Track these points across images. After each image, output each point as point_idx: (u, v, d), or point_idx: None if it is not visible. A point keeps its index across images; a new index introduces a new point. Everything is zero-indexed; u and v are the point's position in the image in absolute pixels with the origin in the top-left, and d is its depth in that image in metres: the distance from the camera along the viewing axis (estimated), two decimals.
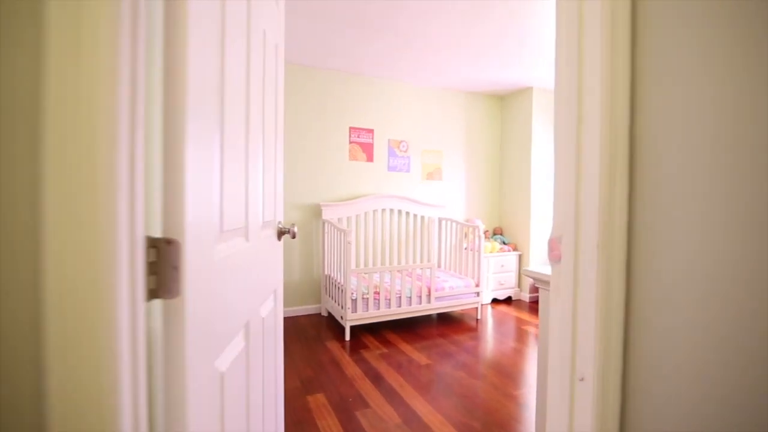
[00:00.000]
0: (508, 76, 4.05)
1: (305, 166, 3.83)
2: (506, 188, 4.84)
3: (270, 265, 1.20)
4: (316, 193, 3.89)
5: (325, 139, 3.91)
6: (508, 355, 2.97)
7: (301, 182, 3.82)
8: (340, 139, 3.98)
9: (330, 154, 3.94)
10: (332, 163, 3.95)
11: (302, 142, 3.81)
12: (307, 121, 3.82)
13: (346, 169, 4.02)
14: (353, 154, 4.04)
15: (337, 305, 3.37)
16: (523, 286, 4.59)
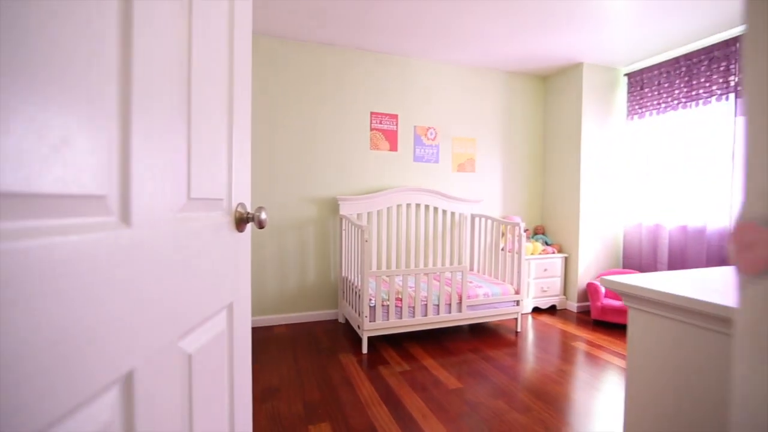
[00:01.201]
0: (554, 46, 3.49)
1: (320, 155, 3.44)
2: (550, 182, 4.25)
3: (217, 267, 0.79)
4: (333, 186, 3.49)
5: (342, 125, 3.51)
6: (557, 380, 2.43)
7: (316, 173, 3.43)
8: (360, 126, 3.56)
9: (348, 143, 3.53)
10: (351, 153, 3.54)
11: (316, 129, 3.42)
12: (322, 105, 3.43)
13: (366, 160, 3.59)
14: (375, 143, 3.61)
15: (354, 312, 2.95)
16: (569, 293, 3.99)
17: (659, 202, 3.67)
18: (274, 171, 3.30)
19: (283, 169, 3.33)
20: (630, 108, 3.92)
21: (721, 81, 3.16)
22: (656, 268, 3.71)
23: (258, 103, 3.24)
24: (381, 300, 2.77)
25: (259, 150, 3.26)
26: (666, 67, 3.55)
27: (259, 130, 3.25)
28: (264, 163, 3.27)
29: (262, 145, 3.26)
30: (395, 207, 3.59)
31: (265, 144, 3.27)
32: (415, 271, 2.87)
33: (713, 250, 3.25)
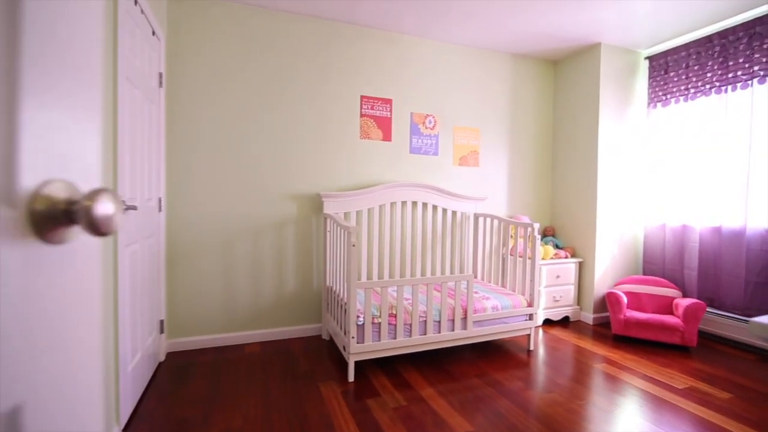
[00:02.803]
0: (567, 23, 3.04)
1: (302, 145, 2.96)
2: (561, 178, 3.81)
3: None
4: (317, 181, 3.01)
5: (328, 110, 3.03)
6: (583, 415, 1.98)
7: (297, 166, 2.95)
8: (349, 112, 3.09)
9: (335, 131, 3.05)
10: (338, 142, 3.06)
11: (298, 114, 2.94)
12: (304, 85, 2.95)
13: (355, 150, 3.12)
14: (365, 131, 3.14)
15: (339, 329, 2.48)
16: (584, 303, 3.55)
17: (687, 201, 3.24)
18: (246, 162, 2.81)
19: (258, 160, 2.84)
20: (652, 95, 3.50)
21: (765, 60, 2.74)
22: (683, 275, 3.28)
23: (228, 85, 2.75)
24: (371, 316, 2.30)
25: (229, 139, 2.77)
26: (696, 47, 3.12)
27: (229, 116, 2.76)
28: (234, 153, 2.79)
29: (230, 133, 2.77)
30: (389, 205, 3.12)
31: (233, 131, 2.78)
32: (412, 281, 2.40)
33: (754, 254, 2.82)
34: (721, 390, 2.28)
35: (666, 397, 2.19)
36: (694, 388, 2.29)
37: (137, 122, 1.97)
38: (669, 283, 3.21)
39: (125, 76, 1.76)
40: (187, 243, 2.67)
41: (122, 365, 1.71)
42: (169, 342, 2.64)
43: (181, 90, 2.64)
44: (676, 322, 2.86)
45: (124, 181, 1.74)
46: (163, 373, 2.36)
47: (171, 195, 2.63)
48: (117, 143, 1.66)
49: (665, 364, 2.63)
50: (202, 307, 2.73)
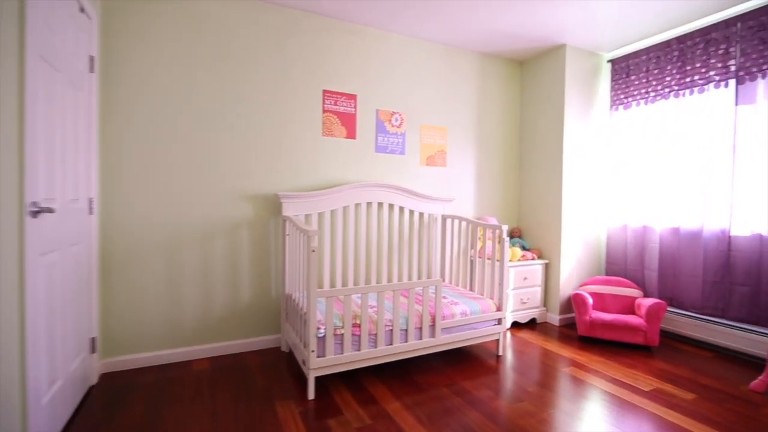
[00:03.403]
0: (533, 23, 3.01)
1: (259, 140, 2.73)
2: (527, 179, 3.79)
3: None
4: (275, 180, 2.79)
5: (288, 104, 2.82)
6: (558, 427, 1.90)
7: (252, 163, 2.72)
8: (310, 107, 2.89)
9: (295, 126, 2.85)
10: (298, 139, 2.86)
11: (253, 108, 2.71)
12: (261, 77, 2.73)
13: (317, 148, 2.93)
14: (328, 128, 2.96)
15: (299, 342, 2.28)
16: (550, 305, 3.54)
17: (647, 202, 3.30)
18: (196, 159, 2.55)
19: (210, 157, 2.59)
20: (614, 97, 3.54)
21: (719, 66, 2.81)
22: (644, 275, 3.34)
23: (175, 74, 2.48)
24: (333, 327, 2.12)
25: (176, 133, 2.50)
26: (656, 51, 3.18)
27: (176, 108, 2.49)
28: (182, 148, 2.52)
29: (178, 127, 2.50)
30: (353, 207, 2.94)
31: (181, 125, 2.51)
32: (378, 288, 2.25)
33: (710, 254, 2.89)
34: (685, 391, 2.28)
35: (634, 400, 2.16)
36: (659, 390, 2.28)
37: (57, 110, 1.69)
38: (631, 284, 3.25)
39: (38, 54, 1.49)
40: (125, 249, 2.38)
41: (32, 398, 1.44)
42: (103, 362, 2.34)
43: (120, 77, 2.34)
44: (639, 323, 2.88)
45: (35, 178, 1.46)
46: (94, 399, 2.06)
47: (105, 195, 2.33)
48: (24, 132, 1.39)
49: (630, 365, 2.63)
50: (143, 320, 2.44)
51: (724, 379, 2.43)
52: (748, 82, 2.68)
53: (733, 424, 1.94)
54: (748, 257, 2.70)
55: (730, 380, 2.41)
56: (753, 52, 2.62)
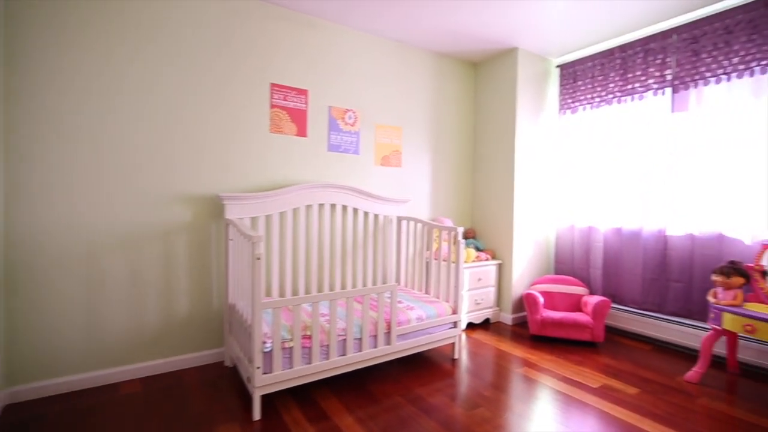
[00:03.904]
0: (487, 24, 3.01)
1: (198, 137, 2.49)
2: (481, 180, 3.82)
3: None
4: (216, 180, 2.56)
5: (230, 97, 2.59)
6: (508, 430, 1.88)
7: (190, 162, 2.47)
8: (256, 101, 2.69)
9: (240, 122, 2.63)
10: (243, 136, 2.64)
11: (192, 101, 2.46)
12: (201, 66, 2.48)
13: (265, 146, 2.73)
14: (277, 124, 2.77)
15: (243, 357, 2.09)
16: (503, 304, 3.58)
17: (592, 203, 3.43)
18: (122, 157, 2.27)
19: (139, 154, 2.31)
20: (562, 102, 3.65)
21: (657, 75, 2.97)
22: (589, 273, 3.47)
23: (95, 59, 2.18)
24: (281, 340, 1.95)
25: (98, 126, 2.20)
26: (600, 58, 3.31)
27: (98, 98, 2.19)
28: (105, 144, 2.22)
29: (100, 120, 2.20)
30: (303, 209, 2.78)
31: (105, 118, 2.22)
32: (330, 296, 2.11)
33: (649, 253, 3.05)
34: (629, 385, 2.37)
35: (584, 398, 2.20)
36: (607, 386, 2.35)
37: None
38: (578, 282, 3.37)
39: None
40: (33, 261, 2.05)
41: None
42: (6, 392, 2.00)
43: (27, 62, 2.01)
44: (586, 320, 2.98)
45: None
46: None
47: (10, 198, 1.99)
48: None
49: (579, 362, 2.70)
50: (58, 341, 2.12)
51: (663, 372, 2.55)
52: (682, 90, 2.84)
53: (672, 417, 2.02)
54: (682, 255, 2.87)
55: (668, 372, 2.54)
56: (687, 63, 2.79)
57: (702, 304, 2.75)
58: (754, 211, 2.52)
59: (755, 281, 2.29)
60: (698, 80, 2.74)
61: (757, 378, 2.46)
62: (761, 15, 2.44)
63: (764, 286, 2.25)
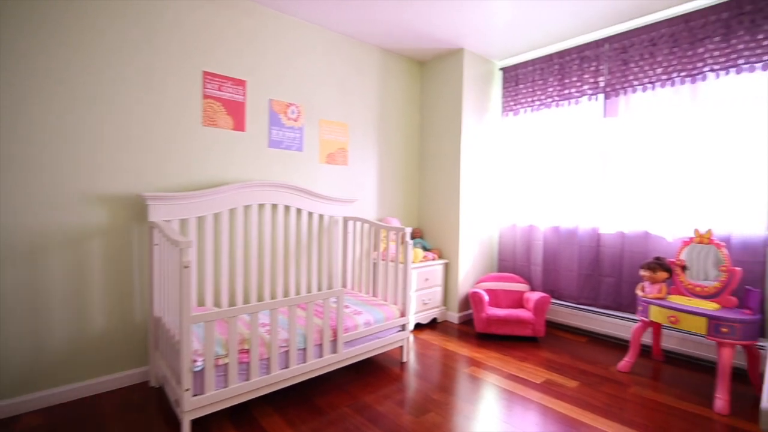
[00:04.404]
0: (434, 23, 2.98)
1: (116, 128, 2.18)
2: (427, 180, 3.81)
3: None
4: (138, 177, 2.27)
5: (156, 85, 2.31)
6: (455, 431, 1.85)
7: (108, 156, 2.16)
8: (186, 90, 2.42)
9: (167, 112, 2.36)
10: (170, 128, 2.37)
11: (110, 87, 2.16)
12: (120, 53, 2.18)
13: (196, 140, 2.47)
14: (210, 117, 2.52)
15: (171, 377, 1.86)
16: (450, 303, 3.61)
17: (533, 203, 3.55)
18: (21, 150, 1.92)
19: (44, 147, 1.97)
20: (505, 104, 3.74)
21: (591, 81, 3.12)
22: (530, 270, 3.60)
23: None
24: (214, 357, 1.76)
25: None
26: (540, 63, 3.43)
27: None
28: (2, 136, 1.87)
29: None
30: (241, 209, 2.56)
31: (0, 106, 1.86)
32: (270, 304, 1.95)
33: (584, 251, 3.22)
34: (569, 378, 2.46)
35: (529, 395, 2.25)
36: (549, 381, 2.42)
37: None
38: (520, 279, 3.47)
39: None
40: None
41: None
42: None
43: None
44: (528, 316, 3.07)
45: None
46: None
47: None
48: None
49: (522, 358, 2.77)
50: None
51: (599, 363, 2.69)
52: (613, 97, 3.02)
53: (608, 407, 2.12)
54: (613, 252, 3.05)
55: (603, 363, 2.69)
56: (617, 71, 2.96)
57: (631, 298, 2.94)
58: (675, 210, 2.73)
59: (677, 275, 2.48)
60: (627, 88, 2.92)
61: (679, 364, 2.68)
62: (681, 30, 2.64)
63: (684, 280, 2.44)
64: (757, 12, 2.37)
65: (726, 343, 2.10)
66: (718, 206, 2.54)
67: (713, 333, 2.13)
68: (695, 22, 2.59)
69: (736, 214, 2.48)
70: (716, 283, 2.30)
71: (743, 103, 2.45)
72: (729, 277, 2.25)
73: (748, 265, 2.40)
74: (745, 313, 2.14)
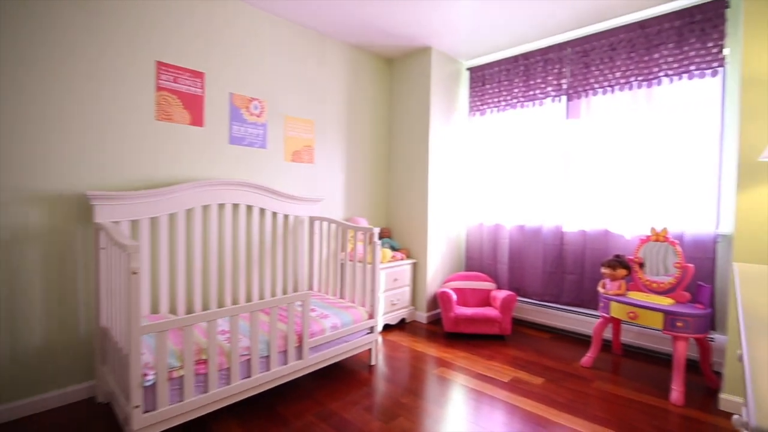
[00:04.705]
0: (401, 21, 2.95)
1: (60, 122, 1.99)
2: (396, 179, 3.77)
3: None
4: (83, 174, 2.08)
5: (103, 75, 2.13)
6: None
7: (47, 150, 1.96)
8: (138, 81, 2.25)
9: (115, 104, 2.17)
10: (120, 122, 2.19)
11: (51, 78, 1.96)
12: (63, 39, 1.98)
13: (149, 135, 2.30)
14: (165, 110, 2.36)
15: (120, 393, 1.71)
16: (418, 303, 3.59)
17: (499, 202, 3.59)
18: None
19: None
20: (472, 104, 3.77)
21: (555, 83, 3.19)
22: (496, 268, 3.64)
23: None
24: (167, 370, 1.63)
25: None
26: (506, 64, 3.47)
27: None
28: None
29: None
30: (199, 209, 2.42)
31: None
32: (230, 311, 1.83)
33: (548, 249, 3.29)
34: (535, 376, 2.49)
35: (496, 394, 2.25)
36: (516, 379, 2.44)
37: None
38: (487, 277, 3.50)
39: None
40: None
41: None
42: None
43: None
44: (495, 315, 3.10)
45: None
46: None
47: None
48: None
49: (490, 357, 2.79)
50: None
51: (563, 359, 2.75)
52: (575, 99, 3.09)
53: (573, 403, 2.16)
54: (576, 250, 3.13)
55: (567, 359, 2.75)
56: (579, 74, 3.03)
57: (592, 294, 3.03)
58: (633, 209, 2.83)
59: (635, 272, 2.57)
60: (588, 90, 3.00)
61: (636, 357, 2.78)
62: (638, 36, 2.74)
63: (642, 276, 2.54)
64: (706, 21, 2.49)
65: (681, 337, 2.19)
66: (673, 205, 2.66)
67: (669, 327, 2.22)
68: (651, 28, 2.69)
69: (688, 213, 2.61)
70: (671, 279, 2.40)
71: (695, 107, 2.57)
72: (683, 274, 2.35)
73: (700, 262, 2.52)
74: (697, 307, 2.25)
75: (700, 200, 2.56)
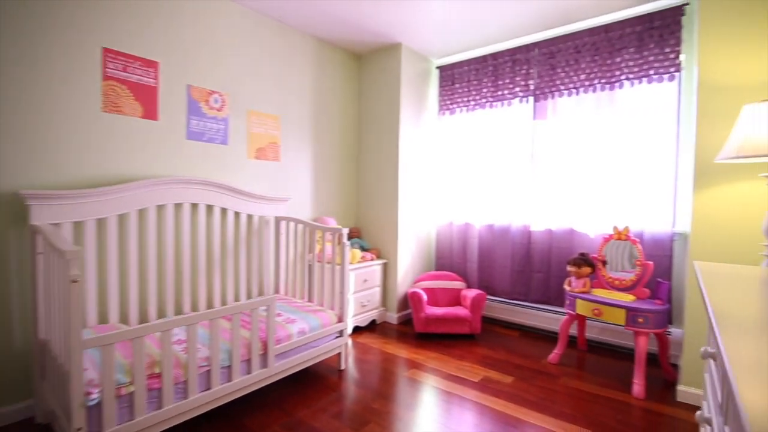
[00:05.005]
0: (370, 15, 2.88)
1: None
2: (366, 178, 3.70)
3: None
4: (17, 171, 1.87)
5: (41, 62, 1.92)
6: None
7: None
8: (80, 69, 2.05)
9: (54, 95, 1.97)
10: (60, 113, 1.99)
11: None
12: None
13: (94, 129, 2.11)
14: (113, 101, 2.16)
15: (62, 413, 1.54)
16: (389, 304, 3.54)
17: (469, 201, 3.60)
18: None
19: None
20: (441, 103, 3.75)
21: (522, 84, 3.22)
22: (466, 267, 3.65)
23: None
24: (115, 386, 1.48)
25: None
26: (475, 64, 3.47)
27: None
28: None
29: None
30: (153, 209, 2.24)
31: None
32: (185, 320, 1.70)
33: (516, 248, 3.32)
34: (505, 374, 2.50)
35: (467, 394, 2.24)
36: (486, 378, 2.44)
37: None
38: (457, 276, 3.50)
39: None
40: None
41: None
42: None
43: None
44: (465, 314, 3.10)
45: None
46: None
47: None
48: None
49: (460, 357, 2.78)
50: None
51: (531, 357, 2.78)
52: (542, 100, 3.14)
53: (542, 400, 2.18)
54: (542, 249, 3.19)
55: (535, 356, 2.78)
56: (546, 75, 3.08)
57: (558, 292, 3.09)
58: (596, 209, 2.91)
59: (599, 270, 2.63)
60: (554, 92, 3.05)
61: (600, 353, 2.86)
62: (602, 39, 2.81)
63: (605, 274, 2.60)
64: (665, 27, 2.58)
65: (642, 332, 2.26)
66: (633, 205, 2.75)
67: (631, 323, 2.28)
68: (614, 32, 2.76)
69: (647, 212, 2.70)
70: (632, 276, 2.48)
71: (654, 110, 2.66)
72: (643, 271, 2.43)
73: (658, 259, 2.62)
74: (656, 303, 2.33)
75: (658, 200, 2.66)
